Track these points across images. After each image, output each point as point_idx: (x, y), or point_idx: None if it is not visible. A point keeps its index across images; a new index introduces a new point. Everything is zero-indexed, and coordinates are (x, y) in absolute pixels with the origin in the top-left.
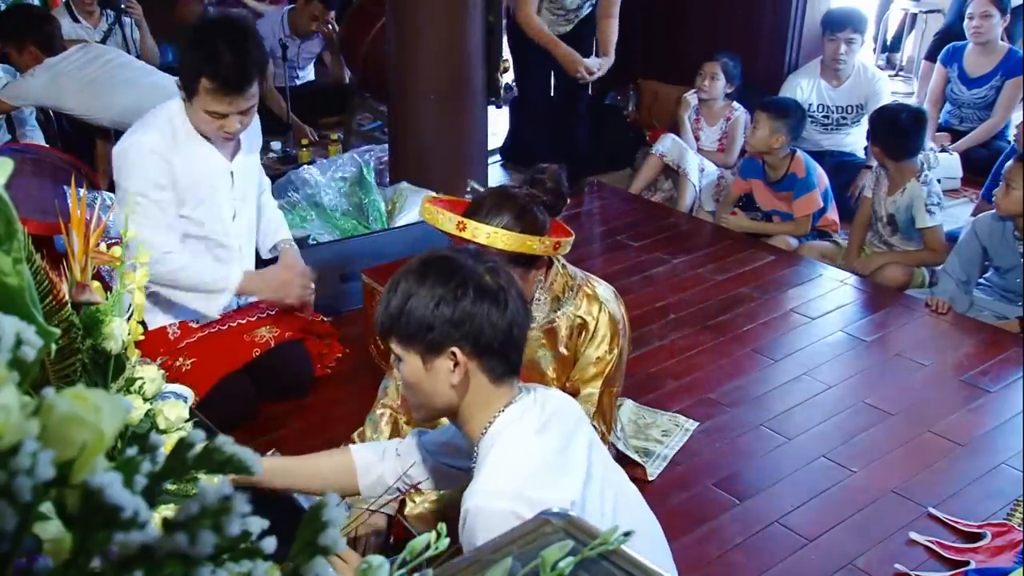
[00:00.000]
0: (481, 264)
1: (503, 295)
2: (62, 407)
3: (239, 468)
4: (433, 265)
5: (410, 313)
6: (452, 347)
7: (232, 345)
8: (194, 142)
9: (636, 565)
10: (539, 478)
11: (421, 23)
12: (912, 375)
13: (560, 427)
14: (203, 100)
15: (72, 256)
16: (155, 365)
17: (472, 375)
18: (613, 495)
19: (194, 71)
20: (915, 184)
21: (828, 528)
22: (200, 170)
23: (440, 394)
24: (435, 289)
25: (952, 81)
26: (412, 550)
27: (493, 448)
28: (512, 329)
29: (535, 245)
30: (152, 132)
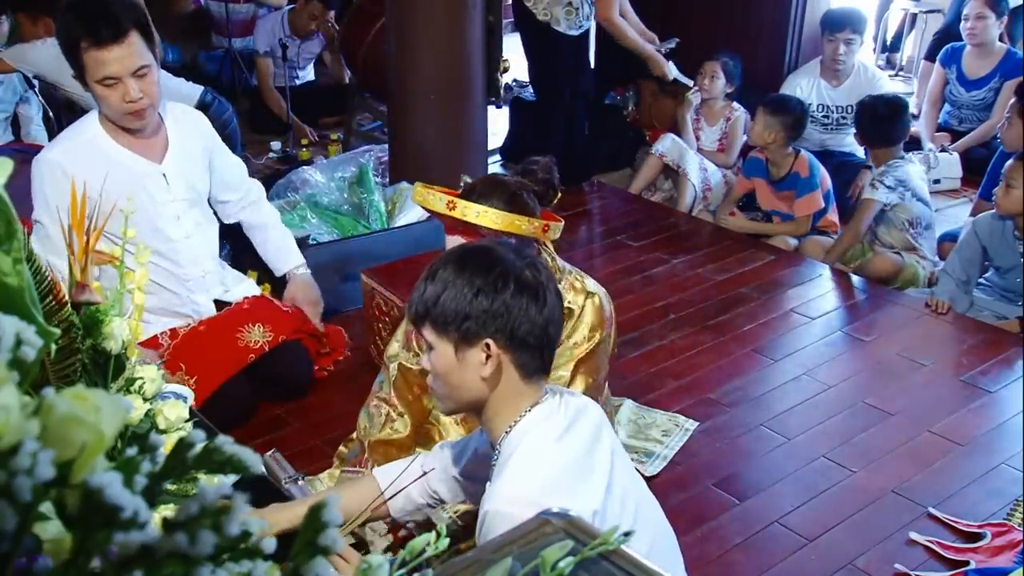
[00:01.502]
0: (521, 259)
1: (542, 291)
2: (62, 407)
3: (239, 468)
4: (473, 256)
5: (447, 301)
6: (487, 338)
7: (226, 350)
8: (110, 151)
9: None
10: (560, 485)
11: (421, 23)
12: (912, 375)
13: (583, 432)
14: (90, 69)
15: (72, 256)
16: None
17: (504, 369)
18: (634, 505)
19: (73, 41)
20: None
21: (828, 528)
22: (121, 181)
23: (469, 386)
24: (474, 279)
25: (951, 82)
26: (412, 550)
27: (515, 451)
28: (548, 326)
29: (523, 225)
30: (59, 146)
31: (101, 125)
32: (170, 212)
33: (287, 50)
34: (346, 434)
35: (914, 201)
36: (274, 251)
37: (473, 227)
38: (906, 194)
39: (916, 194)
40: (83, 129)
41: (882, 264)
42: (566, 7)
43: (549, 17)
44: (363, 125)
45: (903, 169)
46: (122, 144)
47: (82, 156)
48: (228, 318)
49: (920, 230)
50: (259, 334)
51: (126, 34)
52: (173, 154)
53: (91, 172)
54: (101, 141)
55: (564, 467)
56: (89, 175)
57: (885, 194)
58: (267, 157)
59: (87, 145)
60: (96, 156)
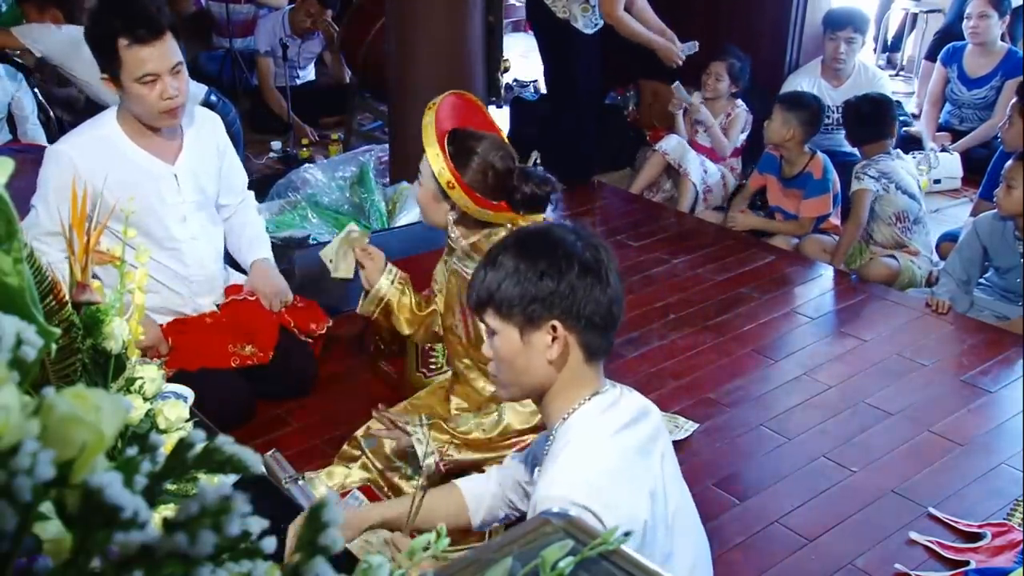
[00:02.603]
0: (581, 239)
1: (604, 271)
2: (62, 407)
3: (239, 468)
4: (533, 239)
5: (511, 285)
6: (553, 320)
7: (213, 349)
8: (125, 149)
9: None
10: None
11: (421, 23)
12: (912, 375)
13: (641, 433)
14: (128, 67)
15: (72, 256)
16: (155, 365)
17: (570, 351)
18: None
19: (108, 39)
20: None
21: (828, 528)
22: (132, 179)
23: (534, 370)
24: (538, 262)
25: (952, 81)
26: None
27: (571, 440)
28: (612, 306)
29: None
30: (74, 139)
31: (119, 123)
32: (178, 213)
33: (288, 50)
34: (346, 434)
35: (899, 193)
36: (246, 243)
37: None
38: (890, 186)
39: (901, 187)
40: (100, 125)
41: (878, 270)
42: (583, 4)
43: (568, 15)
44: (363, 125)
45: (886, 163)
46: (138, 144)
47: (96, 151)
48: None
49: (908, 224)
50: (249, 351)
51: (164, 31)
52: (186, 156)
53: (102, 168)
54: (117, 139)
55: (618, 463)
56: (99, 171)
57: (871, 183)
58: (267, 157)
59: (102, 141)
60: (110, 153)
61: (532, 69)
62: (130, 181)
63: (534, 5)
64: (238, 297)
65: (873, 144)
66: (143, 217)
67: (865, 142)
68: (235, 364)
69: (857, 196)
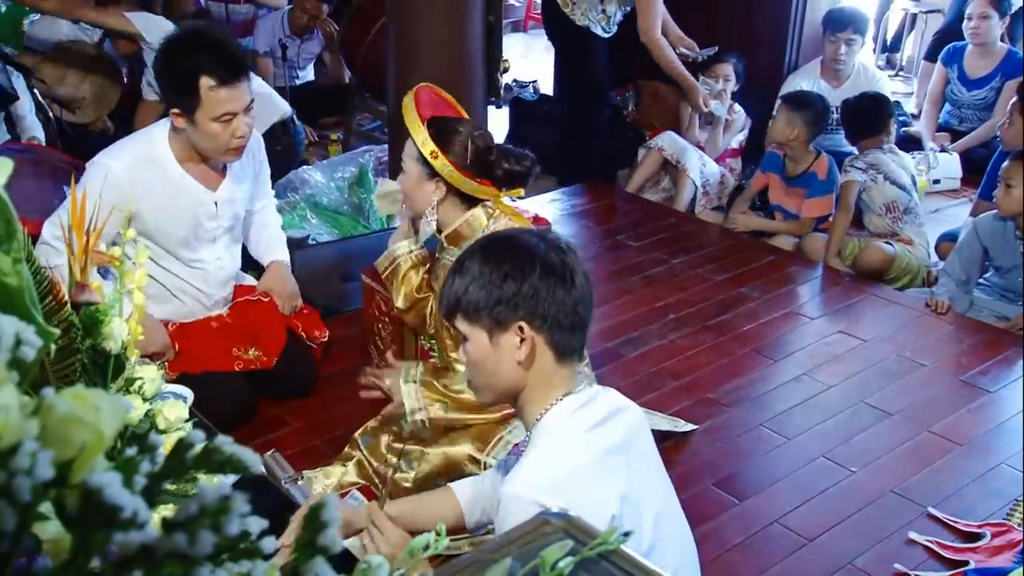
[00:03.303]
0: (546, 242)
1: (569, 272)
2: (62, 407)
3: (239, 468)
4: (498, 244)
5: (477, 289)
6: (519, 321)
7: (217, 352)
8: (172, 172)
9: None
10: (580, 477)
11: (421, 23)
12: (912, 375)
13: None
14: (208, 106)
15: (72, 256)
16: (155, 365)
17: (538, 351)
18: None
19: (189, 76)
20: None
21: (828, 528)
22: (174, 203)
23: (505, 372)
24: (502, 265)
25: (952, 82)
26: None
27: (542, 437)
28: (578, 306)
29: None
30: (123, 157)
31: (169, 146)
32: (210, 237)
33: (287, 50)
34: (346, 434)
35: (888, 184)
36: (265, 243)
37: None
38: (878, 177)
39: (890, 178)
40: (150, 144)
41: (874, 255)
42: (601, 15)
43: (587, 22)
44: (363, 125)
45: (875, 155)
46: (185, 169)
47: (146, 174)
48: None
49: (899, 214)
50: (253, 355)
51: (246, 72)
52: (228, 183)
53: (149, 191)
54: (166, 162)
55: (585, 461)
56: (147, 193)
57: (858, 175)
58: None
59: (152, 163)
60: (157, 176)
61: (532, 69)
62: (172, 205)
63: (552, 13)
64: (251, 298)
65: (870, 140)
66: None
67: (860, 137)
68: (239, 368)
69: (845, 187)
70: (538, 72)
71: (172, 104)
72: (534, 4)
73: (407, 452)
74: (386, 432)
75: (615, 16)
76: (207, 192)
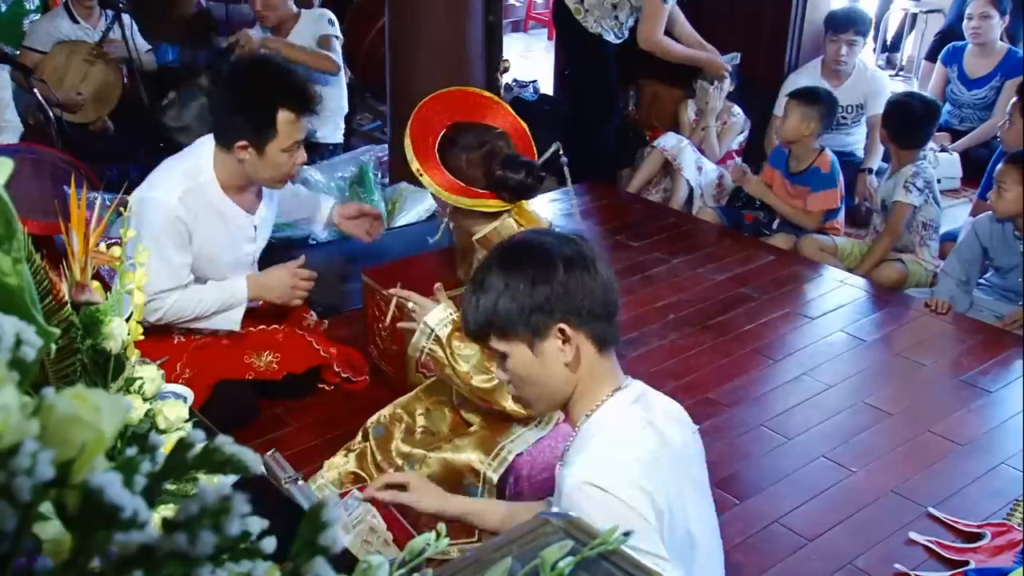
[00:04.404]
0: (557, 238)
1: (589, 260)
2: (62, 407)
3: (239, 468)
4: (512, 252)
5: (506, 302)
6: (558, 324)
7: (229, 360)
8: (216, 198)
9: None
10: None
11: (421, 23)
12: (912, 375)
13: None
14: (282, 137)
15: (72, 256)
16: (155, 365)
17: (582, 349)
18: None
19: (267, 110)
20: (908, 167)
21: (828, 528)
22: (218, 229)
23: (555, 378)
24: (525, 271)
25: (952, 81)
26: (412, 550)
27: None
28: (607, 292)
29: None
30: (174, 188)
31: (214, 172)
32: (248, 261)
33: None
34: (346, 434)
35: (933, 204)
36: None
37: None
38: (930, 197)
39: (935, 196)
40: (197, 172)
41: (889, 274)
42: (613, 21)
43: (600, 29)
44: (363, 125)
45: (929, 172)
46: (227, 194)
47: (196, 202)
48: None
49: (931, 232)
50: (265, 361)
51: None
52: (264, 206)
53: (200, 218)
54: (212, 189)
55: (646, 453)
56: (198, 221)
57: (917, 197)
58: None
59: (199, 191)
60: (204, 202)
61: (532, 69)
62: (217, 232)
63: (563, 19)
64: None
65: (912, 150)
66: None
67: (909, 145)
68: (250, 377)
69: (899, 209)
70: (538, 72)
71: (240, 137)
72: (534, 4)
73: (411, 454)
74: (398, 426)
75: (627, 22)
76: (247, 216)
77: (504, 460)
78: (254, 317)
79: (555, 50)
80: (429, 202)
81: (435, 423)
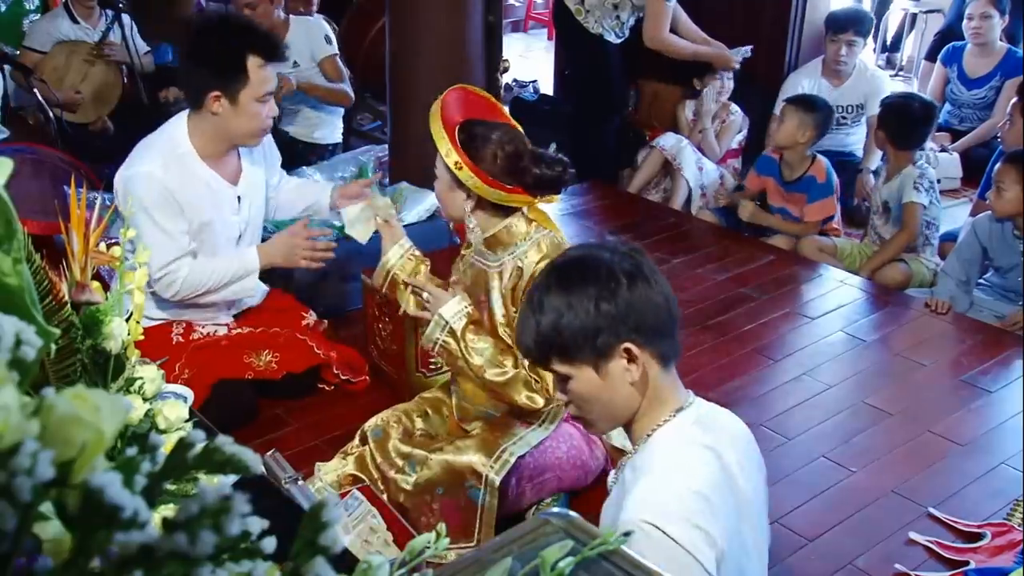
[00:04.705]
0: (613, 252)
1: (648, 272)
2: (62, 407)
3: (239, 468)
4: (570, 270)
5: (569, 325)
6: (624, 344)
7: (229, 360)
8: (198, 169)
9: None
10: (705, 504)
11: (421, 23)
12: (912, 375)
13: (726, 451)
14: (254, 85)
15: (72, 256)
16: (155, 365)
17: (647, 366)
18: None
19: (238, 55)
20: (910, 168)
21: (828, 528)
22: (204, 200)
23: (621, 399)
24: (587, 290)
25: (952, 81)
26: (412, 550)
27: (658, 458)
28: (670, 305)
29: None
30: (155, 160)
31: (191, 141)
32: (234, 233)
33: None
34: (346, 434)
35: (937, 203)
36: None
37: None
38: (934, 197)
39: (936, 196)
40: (175, 143)
41: (893, 274)
42: (614, 21)
43: (601, 29)
44: (363, 125)
45: (931, 172)
46: (207, 163)
47: (178, 172)
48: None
49: (933, 231)
50: (264, 361)
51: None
52: (246, 177)
53: (185, 188)
54: (191, 158)
55: (709, 482)
56: (184, 192)
57: (926, 197)
58: None
59: (180, 160)
60: (187, 172)
61: (532, 69)
62: (200, 201)
63: (564, 20)
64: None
65: (910, 151)
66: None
67: (907, 146)
68: (249, 377)
69: (913, 209)
70: (538, 72)
71: (213, 87)
72: (534, 4)
73: (412, 455)
74: (396, 428)
75: (628, 22)
76: (229, 186)
77: (506, 462)
78: (254, 317)
79: (555, 50)
80: (429, 202)
81: (434, 428)
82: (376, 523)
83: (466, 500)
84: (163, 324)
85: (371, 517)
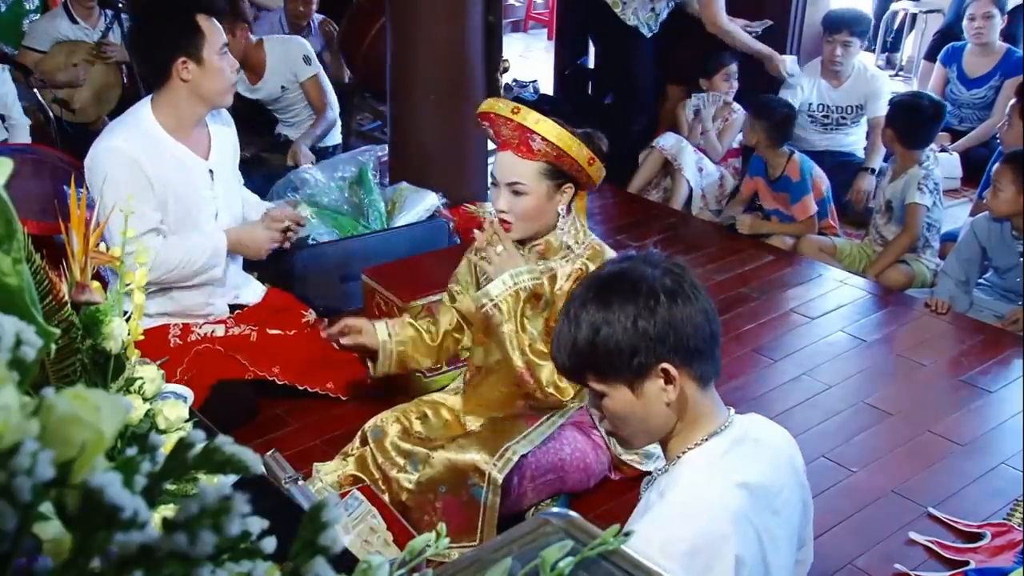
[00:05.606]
0: (654, 267)
1: (690, 289)
2: (62, 407)
3: (239, 468)
4: (609, 284)
5: (605, 342)
6: (662, 363)
7: (227, 363)
8: (166, 144)
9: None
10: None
11: (421, 23)
12: (912, 375)
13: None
14: (211, 40)
15: (72, 256)
16: (155, 365)
17: (685, 386)
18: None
19: (187, 16)
20: (916, 168)
21: (828, 528)
22: (175, 175)
23: (655, 418)
24: (625, 307)
25: (951, 81)
26: (412, 550)
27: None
28: (710, 324)
29: (574, 146)
30: (119, 135)
31: (155, 117)
32: (211, 209)
33: None
34: (346, 434)
35: (940, 205)
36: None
37: (528, 137)
38: (937, 198)
39: (939, 197)
40: (139, 119)
41: (895, 276)
42: (650, 13)
43: (636, 21)
44: (363, 125)
45: (935, 173)
46: (175, 137)
47: (144, 146)
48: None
49: (935, 232)
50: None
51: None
52: (216, 150)
53: (154, 162)
54: (158, 133)
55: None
56: (153, 165)
57: (929, 198)
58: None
59: (146, 136)
60: (155, 147)
61: (532, 69)
62: (172, 176)
63: (597, 11)
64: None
65: (918, 150)
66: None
67: (916, 145)
68: (250, 376)
69: (916, 210)
70: (538, 72)
71: (177, 54)
72: (534, 4)
73: (413, 453)
74: (394, 426)
75: (662, 14)
76: (199, 160)
77: (509, 461)
78: (253, 316)
79: (555, 50)
80: (429, 202)
81: (432, 431)
82: (376, 523)
83: (469, 498)
84: (160, 327)
85: (371, 517)
